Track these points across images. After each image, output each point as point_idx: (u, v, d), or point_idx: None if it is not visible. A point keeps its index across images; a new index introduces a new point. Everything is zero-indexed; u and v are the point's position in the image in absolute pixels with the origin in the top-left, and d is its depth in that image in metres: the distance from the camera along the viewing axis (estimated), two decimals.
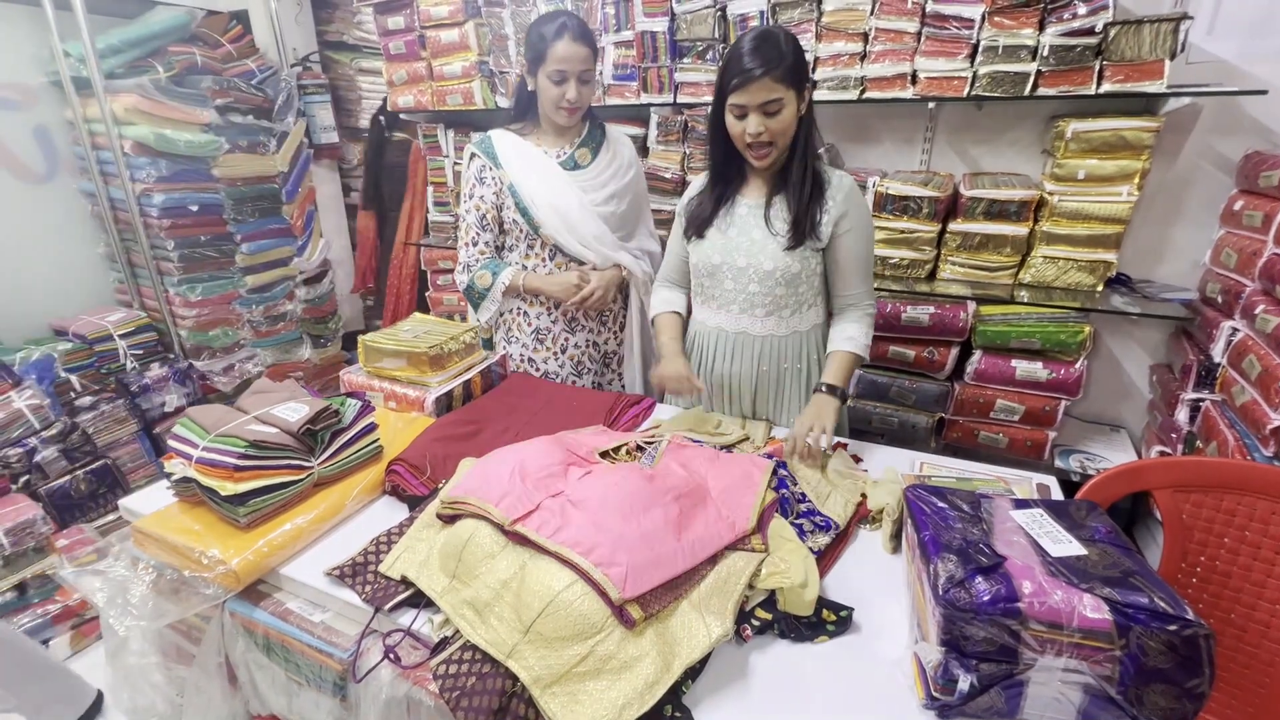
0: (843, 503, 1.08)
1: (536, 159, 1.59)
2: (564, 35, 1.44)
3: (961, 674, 0.70)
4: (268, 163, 2.55)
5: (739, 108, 1.21)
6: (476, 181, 1.61)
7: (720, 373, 1.43)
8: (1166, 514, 1.07)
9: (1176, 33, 1.57)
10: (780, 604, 0.85)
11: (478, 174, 1.60)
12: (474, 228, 1.63)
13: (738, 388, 1.43)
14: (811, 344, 1.42)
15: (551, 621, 0.77)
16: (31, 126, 2.21)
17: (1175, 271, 1.95)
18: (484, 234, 1.63)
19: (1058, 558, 0.75)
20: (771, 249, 1.30)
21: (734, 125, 1.24)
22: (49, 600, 1.88)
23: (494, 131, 1.63)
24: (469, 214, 1.63)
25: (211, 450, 0.99)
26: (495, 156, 1.59)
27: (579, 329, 1.69)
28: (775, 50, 1.17)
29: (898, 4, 1.76)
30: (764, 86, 1.17)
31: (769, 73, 1.16)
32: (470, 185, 1.62)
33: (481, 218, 1.62)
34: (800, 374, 1.41)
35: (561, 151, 1.61)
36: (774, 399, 1.44)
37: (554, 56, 1.46)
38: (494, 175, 1.59)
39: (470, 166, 1.63)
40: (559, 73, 1.47)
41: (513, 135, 1.61)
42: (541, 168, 1.58)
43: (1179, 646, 0.65)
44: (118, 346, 2.24)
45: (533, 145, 1.60)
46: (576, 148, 1.61)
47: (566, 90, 1.49)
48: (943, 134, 2.08)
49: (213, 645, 0.98)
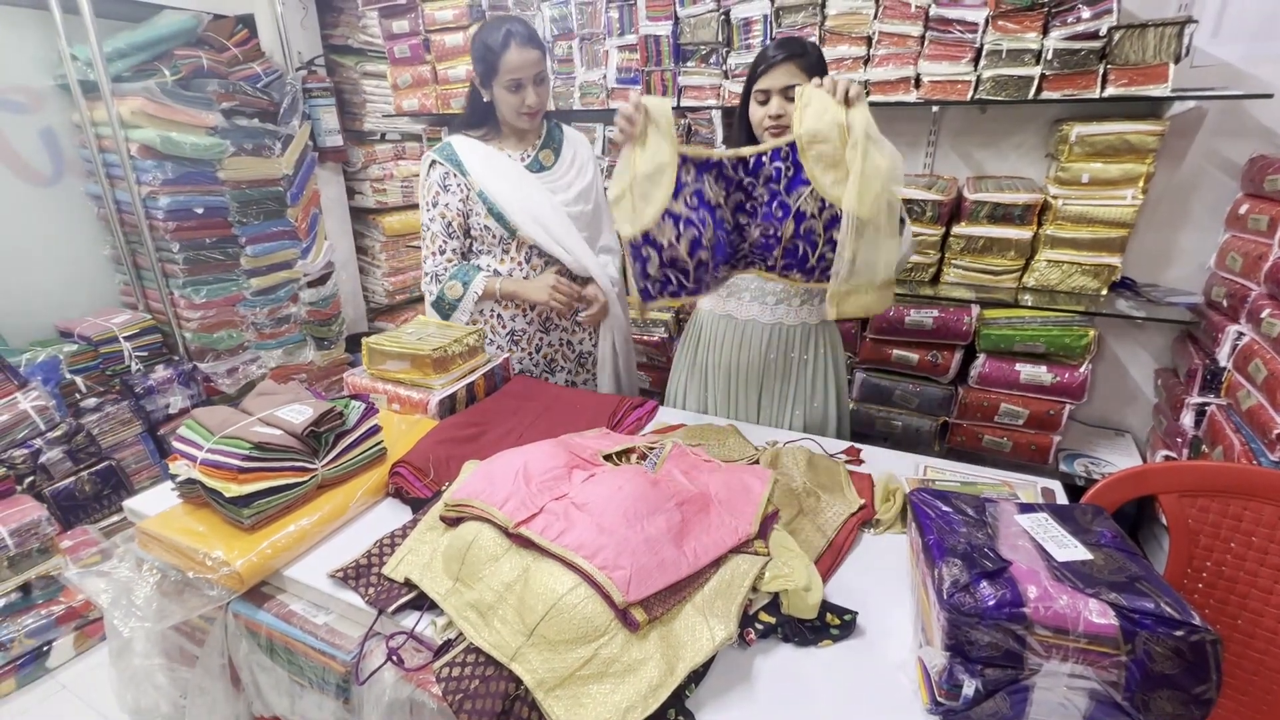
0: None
1: (502, 163, 1.57)
2: (511, 43, 1.44)
3: (966, 679, 0.69)
4: (273, 166, 2.56)
5: (763, 93, 1.30)
6: (440, 189, 1.58)
7: (728, 361, 1.43)
8: (1172, 519, 1.06)
9: (1181, 36, 1.57)
10: (784, 607, 0.85)
11: (441, 181, 1.58)
12: (440, 236, 1.60)
13: (744, 377, 1.44)
14: (820, 338, 1.43)
15: (555, 624, 0.77)
16: (38, 129, 2.23)
17: (1180, 275, 1.94)
18: (450, 242, 1.60)
19: (1063, 562, 0.75)
20: None
21: (757, 111, 1.32)
22: (53, 601, 1.89)
23: (453, 138, 1.60)
24: (434, 223, 1.60)
25: (216, 452, 0.99)
26: (460, 164, 1.56)
27: (553, 328, 1.69)
28: (799, 45, 1.29)
29: (901, 8, 1.77)
30: (786, 71, 1.27)
31: (791, 59, 1.27)
32: (434, 193, 1.59)
33: (448, 225, 1.59)
34: (807, 365, 1.42)
35: (525, 154, 1.60)
36: (780, 389, 1.44)
37: (506, 66, 1.45)
38: (460, 182, 1.57)
39: (431, 174, 1.59)
40: (514, 81, 1.47)
41: (474, 141, 1.59)
42: (508, 171, 1.57)
43: (1186, 652, 0.64)
44: (122, 348, 2.25)
45: (496, 150, 1.59)
46: (539, 149, 1.61)
47: (525, 96, 1.48)
48: (946, 137, 2.08)
49: (216, 647, 0.98)
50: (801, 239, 1.19)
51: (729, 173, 1.21)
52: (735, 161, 1.20)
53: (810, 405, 1.48)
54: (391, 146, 3.23)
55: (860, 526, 1.07)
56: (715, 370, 1.46)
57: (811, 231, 1.18)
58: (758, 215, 1.22)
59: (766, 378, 1.43)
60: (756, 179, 1.20)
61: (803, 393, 1.43)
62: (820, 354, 1.43)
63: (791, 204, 1.17)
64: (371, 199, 3.18)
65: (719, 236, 1.21)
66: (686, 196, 1.17)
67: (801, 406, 1.47)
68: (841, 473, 1.19)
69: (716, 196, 1.20)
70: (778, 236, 1.20)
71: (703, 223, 1.18)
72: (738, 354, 1.42)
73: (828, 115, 1.13)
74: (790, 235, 1.19)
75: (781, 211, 1.19)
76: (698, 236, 1.18)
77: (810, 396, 1.47)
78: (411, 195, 3.31)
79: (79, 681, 1.85)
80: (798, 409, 1.47)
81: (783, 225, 1.19)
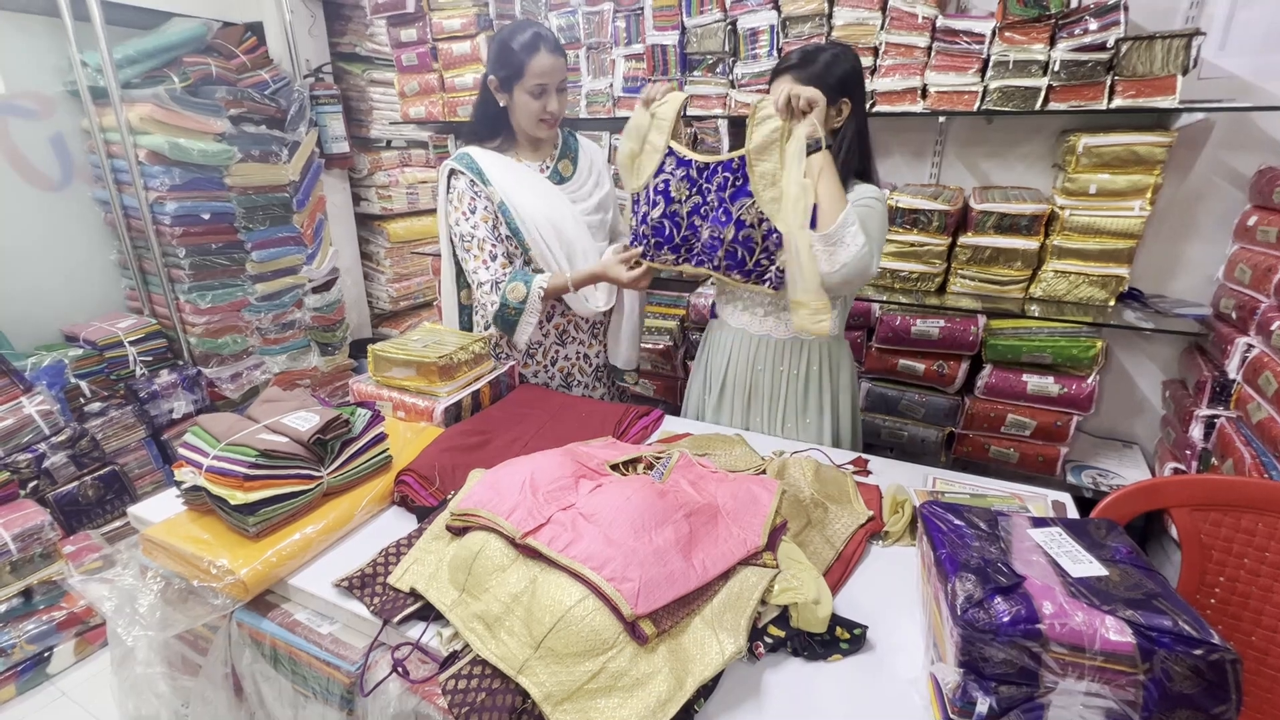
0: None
1: (525, 175, 1.54)
2: (541, 47, 1.42)
3: (980, 696, 0.68)
4: (279, 172, 2.57)
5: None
6: (473, 196, 1.52)
7: (742, 375, 1.44)
8: (1184, 533, 1.05)
9: (1189, 48, 1.57)
10: (793, 620, 0.84)
11: (470, 188, 1.52)
12: (489, 241, 1.51)
13: (758, 390, 1.44)
14: (833, 351, 1.44)
15: (563, 637, 0.76)
16: (48, 135, 2.24)
17: (1188, 286, 1.93)
18: (499, 245, 1.52)
19: (1078, 578, 0.74)
20: None
21: None
22: (54, 607, 1.88)
23: (470, 149, 1.55)
24: (477, 229, 1.51)
25: (222, 459, 0.99)
26: (481, 173, 1.51)
27: (569, 341, 1.67)
28: (803, 55, 1.31)
29: (908, 19, 1.77)
30: (785, 83, 1.29)
31: (788, 70, 1.30)
32: (468, 201, 1.52)
33: (493, 229, 1.53)
34: (819, 377, 1.42)
35: (545, 165, 1.58)
36: (793, 401, 1.43)
37: (533, 71, 1.44)
38: (485, 191, 1.52)
39: (457, 183, 1.53)
40: (539, 86, 1.45)
41: (492, 153, 1.55)
42: (533, 183, 1.54)
43: (1205, 671, 0.63)
44: (127, 353, 2.26)
45: (515, 161, 1.55)
46: (558, 160, 1.59)
47: (547, 103, 1.46)
48: (953, 148, 2.08)
49: (219, 656, 0.97)
50: (740, 244, 1.33)
51: (693, 174, 1.38)
52: (701, 166, 1.38)
53: (804, 420, 1.46)
54: (397, 153, 3.25)
55: (869, 539, 1.06)
56: (732, 382, 1.47)
57: (750, 239, 1.33)
58: (708, 218, 1.37)
59: (781, 389, 1.43)
60: (710, 185, 1.36)
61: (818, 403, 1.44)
62: (836, 366, 1.43)
63: (734, 212, 1.32)
64: (377, 205, 3.19)
65: (662, 224, 1.41)
66: (658, 182, 1.41)
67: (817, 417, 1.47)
68: (849, 484, 1.18)
69: (679, 193, 1.39)
70: (721, 239, 1.35)
71: (654, 204, 1.42)
72: (752, 368, 1.43)
73: (771, 128, 1.25)
74: (730, 240, 1.33)
75: (725, 218, 1.34)
76: (646, 214, 1.42)
77: (803, 411, 1.46)
78: (417, 202, 3.32)
79: (79, 688, 1.84)
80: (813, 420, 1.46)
81: (724, 230, 1.34)
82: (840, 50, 1.31)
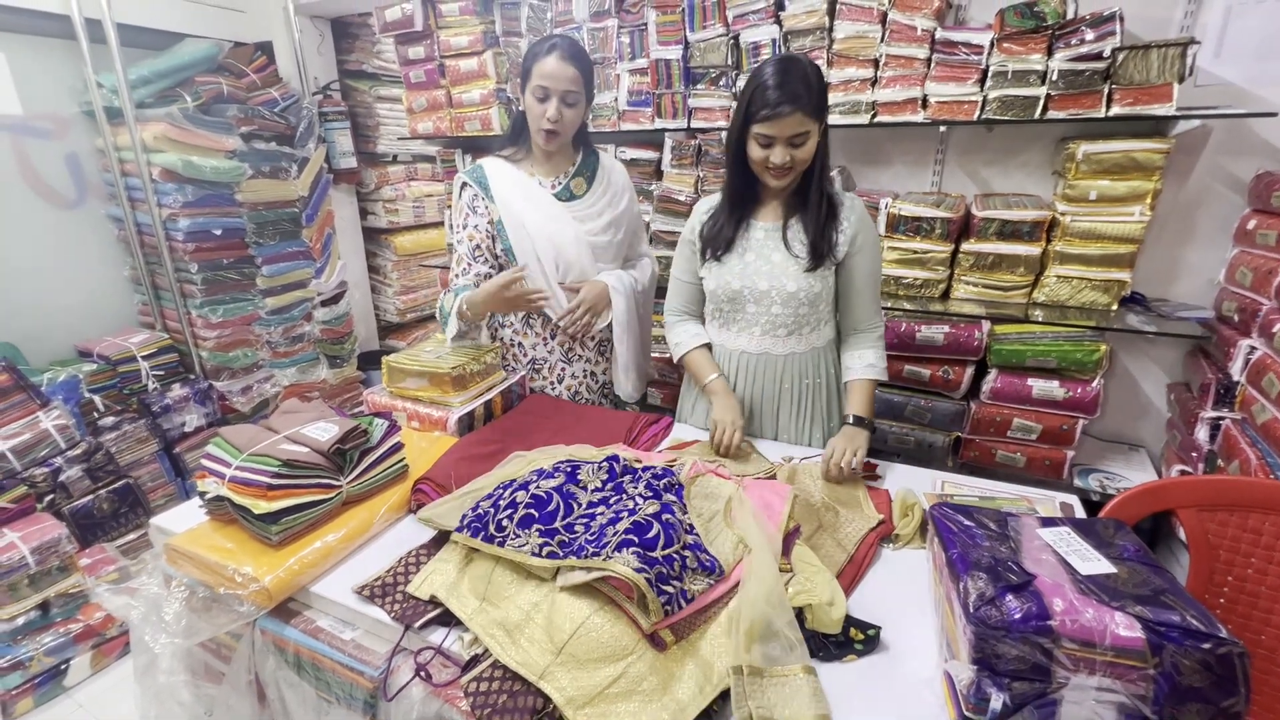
0: (731, 546, 0.95)
1: (531, 189, 1.55)
2: (553, 53, 1.43)
3: (994, 693, 0.70)
4: (289, 188, 2.61)
5: (765, 138, 1.22)
6: (470, 211, 1.56)
7: (743, 395, 1.44)
8: (1192, 534, 1.07)
9: (1184, 57, 1.60)
10: (808, 622, 0.85)
11: (470, 204, 1.56)
12: (465, 258, 1.56)
13: (760, 408, 1.45)
14: (829, 359, 1.45)
15: (583, 643, 0.77)
16: (63, 154, 2.28)
17: (1190, 290, 1.95)
18: (475, 264, 1.56)
19: (1088, 576, 0.75)
20: (793, 270, 1.32)
21: (756, 152, 1.25)
22: (71, 620, 1.89)
23: (485, 160, 1.58)
24: (460, 245, 1.57)
25: (245, 469, 1.01)
26: (487, 187, 1.54)
27: (575, 359, 1.67)
28: (804, 84, 1.18)
29: (908, 31, 1.80)
30: (794, 121, 1.19)
31: (799, 109, 1.17)
32: (464, 215, 1.56)
33: (475, 248, 1.55)
34: (820, 388, 1.44)
35: (556, 181, 1.57)
36: (795, 415, 1.45)
37: (538, 72, 1.43)
38: (486, 206, 1.55)
39: (462, 196, 1.57)
40: (541, 89, 1.43)
41: (505, 163, 1.57)
42: (536, 198, 1.54)
43: (1214, 665, 0.65)
44: (140, 367, 2.28)
45: (525, 174, 1.56)
46: (571, 177, 1.58)
47: (548, 109, 1.44)
48: (953, 156, 2.10)
49: (243, 663, 0.99)
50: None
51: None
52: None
53: (811, 430, 1.47)
54: (404, 168, 3.29)
55: (879, 542, 1.07)
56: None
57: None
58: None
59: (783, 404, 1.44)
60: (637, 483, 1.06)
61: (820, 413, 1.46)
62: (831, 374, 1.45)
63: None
64: (384, 219, 3.23)
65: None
66: None
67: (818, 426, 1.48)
68: (859, 488, 1.20)
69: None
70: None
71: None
72: (753, 387, 1.44)
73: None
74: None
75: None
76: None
77: (826, 414, 1.48)
78: (423, 215, 3.37)
79: (95, 700, 1.86)
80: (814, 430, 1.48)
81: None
82: (807, 62, 1.21)
